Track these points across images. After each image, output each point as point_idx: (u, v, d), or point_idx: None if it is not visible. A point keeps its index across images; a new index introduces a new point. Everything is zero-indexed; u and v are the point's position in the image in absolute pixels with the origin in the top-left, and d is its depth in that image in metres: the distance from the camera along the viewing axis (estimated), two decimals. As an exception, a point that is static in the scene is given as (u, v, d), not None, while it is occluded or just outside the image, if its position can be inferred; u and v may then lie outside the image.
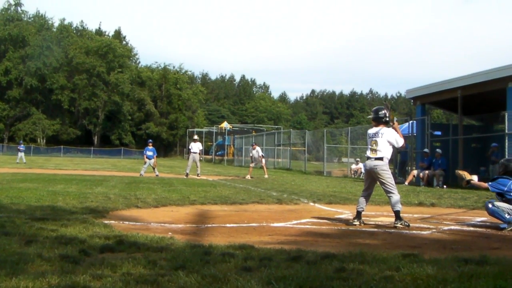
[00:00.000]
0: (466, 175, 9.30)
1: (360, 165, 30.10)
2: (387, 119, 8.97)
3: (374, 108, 9.27)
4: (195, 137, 27.29)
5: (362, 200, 8.98)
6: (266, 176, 26.23)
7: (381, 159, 8.69)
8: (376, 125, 8.95)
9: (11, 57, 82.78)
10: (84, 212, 8.98)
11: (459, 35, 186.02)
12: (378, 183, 8.88)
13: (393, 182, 8.74)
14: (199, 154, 26.06)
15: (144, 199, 11.88)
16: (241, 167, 43.40)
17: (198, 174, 25.25)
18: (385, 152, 8.73)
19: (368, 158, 8.85)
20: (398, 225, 8.38)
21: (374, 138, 8.84)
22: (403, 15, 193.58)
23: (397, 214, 8.49)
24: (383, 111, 8.97)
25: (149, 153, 25.31)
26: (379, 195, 11.80)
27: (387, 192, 8.66)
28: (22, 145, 41.88)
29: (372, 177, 8.92)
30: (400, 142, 8.86)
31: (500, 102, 19.98)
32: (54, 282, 4.06)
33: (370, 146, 8.89)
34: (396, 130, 8.98)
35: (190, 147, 26.34)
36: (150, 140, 27.73)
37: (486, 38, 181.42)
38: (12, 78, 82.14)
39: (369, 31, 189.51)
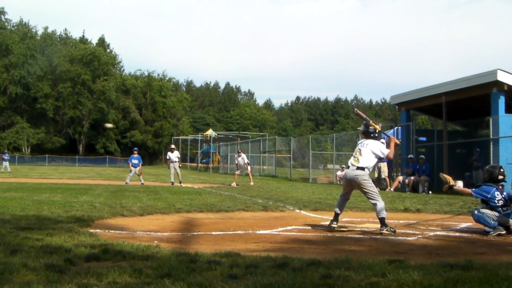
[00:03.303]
0: (450, 180, 9.32)
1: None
2: (376, 135, 9.02)
3: (365, 121, 9.28)
4: (172, 146, 27.86)
5: (339, 203, 9.10)
6: (251, 183, 26.24)
7: (362, 169, 8.71)
8: (365, 138, 9.02)
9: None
10: (70, 221, 8.92)
11: (443, 42, 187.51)
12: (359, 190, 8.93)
13: (375, 190, 8.76)
14: (178, 162, 26.05)
15: (130, 207, 11.82)
16: (226, 175, 43.34)
17: (180, 182, 25.37)
18: (368, 162, 8.76)
19: (350, 165, 8.88)
20: (384, 231, 8.39)
21: (359, 147, 8.91)
22: (387, 22, 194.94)
23: (382, 221, 8.50)
24: (372, 127, 9.01)
25: (135, 161, 25.42)
26: (364, 201, 11.82)
27: (371, 200, 8.67)
28: (6, 154, 41.48)
29: (351, 185, 8.96)
30: (385, 152, 8.89)
31: (484, 107, 20.15)
32: (39, 292, 4.03)
33: (354, 154, 8.93)
34: (390, 140, 9.14)
35: (168, 157, 26.22)
36: (136, 148, 27.96)
37: (469, 45, 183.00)
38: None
39: (354, 38, 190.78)
